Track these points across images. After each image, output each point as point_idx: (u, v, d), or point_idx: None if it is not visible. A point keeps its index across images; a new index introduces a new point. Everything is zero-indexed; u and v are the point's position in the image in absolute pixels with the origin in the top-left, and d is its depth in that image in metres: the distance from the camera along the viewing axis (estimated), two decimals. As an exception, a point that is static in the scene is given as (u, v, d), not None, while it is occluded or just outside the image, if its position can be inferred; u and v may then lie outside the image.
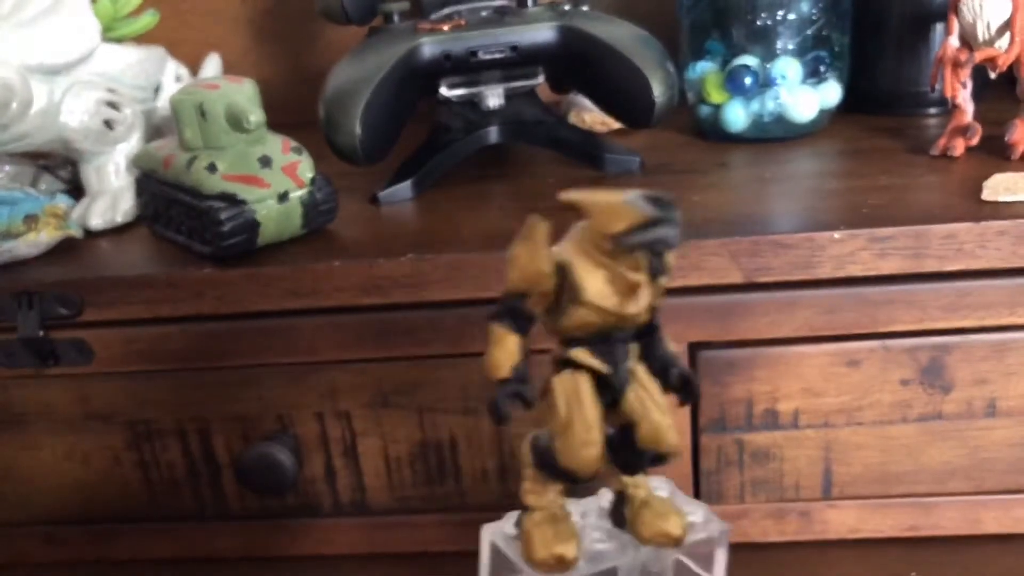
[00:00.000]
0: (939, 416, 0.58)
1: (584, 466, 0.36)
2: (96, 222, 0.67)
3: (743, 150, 0.73)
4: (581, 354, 0.37)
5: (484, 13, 0.69)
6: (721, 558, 0.42)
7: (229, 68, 0.87)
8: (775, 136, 0.74)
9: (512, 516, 0.41)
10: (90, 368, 0.61)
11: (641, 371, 0.38)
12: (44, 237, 0.62)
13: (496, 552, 0.41)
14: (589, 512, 0.43)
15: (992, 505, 0.60)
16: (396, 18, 0.69)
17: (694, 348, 0.58)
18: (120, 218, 0.68)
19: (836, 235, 0.54)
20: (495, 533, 0.41)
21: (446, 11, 0.70)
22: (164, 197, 0.62)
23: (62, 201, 0.65)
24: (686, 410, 0.59)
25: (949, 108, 0.68)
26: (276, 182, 0.59)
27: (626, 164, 0.69)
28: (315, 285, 0.57)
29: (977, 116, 0.67)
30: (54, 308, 0.59)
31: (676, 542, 0.39)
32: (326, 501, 0.64)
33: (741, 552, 0.62)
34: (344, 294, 0.57)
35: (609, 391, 0.37)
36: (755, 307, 0.56)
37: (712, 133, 0.77)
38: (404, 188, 0.68)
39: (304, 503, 0.64)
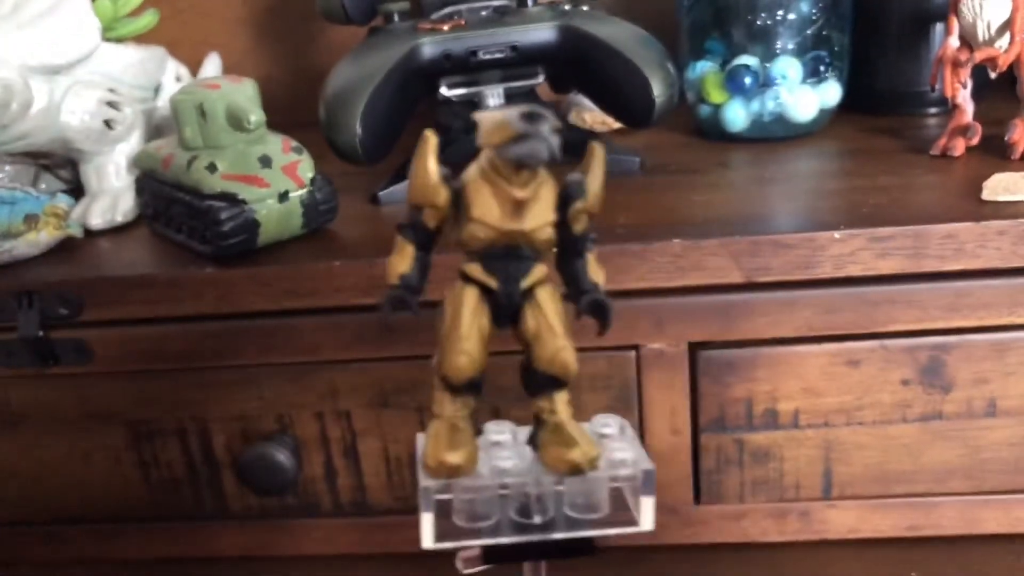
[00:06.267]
0: (939, 416, 0.58)
1: (454, 373, 0.37)
2: (96, 222, 0.67)
3: (743, 150, 0.73)
4: (472, 268, 0.38)
5: (484, 13, 0.69)
6: (646, 500, 0.40)
7: (229, 68, 0.87)
8: (775, 136, 0.74)
9: None
10: (90, 368, 0.61)
11: (545, 293, 0.38)
12: (44, 237, 0.62)
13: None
14: (520, 434, 0.42)
15: (992, 505, 0.60)
16: (396, 18, 0.69)
17: (694, 348, 0.58)
18: (120, 218, 0.68)
19: (836, 235, 0.54)
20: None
21: (446, 11, 0.70)
22: (164, 197, 0.62)
23: (62, 201, 0.65)
24: (686, 409, 0.59)
25: (949, 108, 0.68)
26: (276, 182, 0.59)
27: (626, 164, 0.69)
28: (315, 285, 0.57)
29: (977, 116, 0.67)
30: (54, 308, 0.59)
31: (575, 470, 0.38)
32: (326, 501, 0.64)
33: (741, 552, 0.63)
34: (344, 294, 0.57)
35: (505, 309, 0.38)
36: (755, 307, 0.56)
37: (712, 133, 0.77)
38: (404, 188, 0.67)
39: (304, 503, 0.64)
